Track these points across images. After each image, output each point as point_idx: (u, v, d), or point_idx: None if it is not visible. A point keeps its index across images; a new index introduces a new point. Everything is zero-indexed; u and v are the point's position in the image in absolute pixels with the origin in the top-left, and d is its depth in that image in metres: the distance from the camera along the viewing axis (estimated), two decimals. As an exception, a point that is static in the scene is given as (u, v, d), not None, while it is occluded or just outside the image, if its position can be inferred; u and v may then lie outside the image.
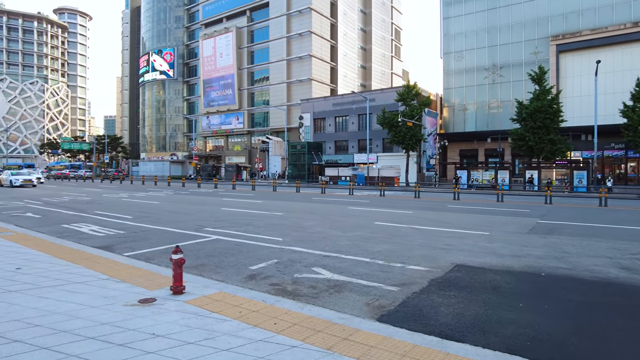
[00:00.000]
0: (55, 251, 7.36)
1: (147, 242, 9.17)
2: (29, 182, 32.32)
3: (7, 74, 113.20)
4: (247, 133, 71.39)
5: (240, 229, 10.96)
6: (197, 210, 15.71)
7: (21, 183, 31.68)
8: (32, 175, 34.36)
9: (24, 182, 31.94)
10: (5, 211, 15.18)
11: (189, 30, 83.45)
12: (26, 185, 32.07)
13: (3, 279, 5.35)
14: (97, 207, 16.88)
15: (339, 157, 50.18)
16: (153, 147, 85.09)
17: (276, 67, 66.70)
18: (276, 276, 6.37)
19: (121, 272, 5.89)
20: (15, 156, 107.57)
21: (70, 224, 11.77)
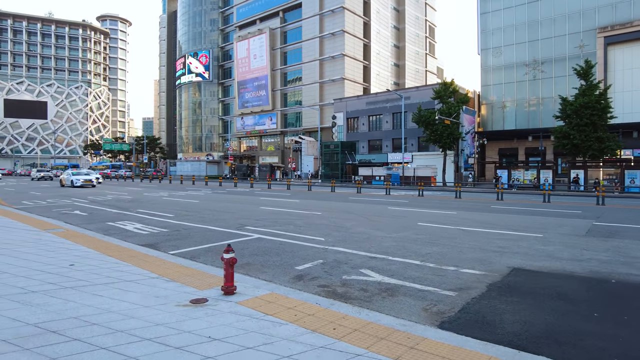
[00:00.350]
0: (103, 248, 7.45)
1: (190, 240, 9.19)
2: (89, 183, 31.79)
3: (55, 79, 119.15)
4: (280, 133, 71.88)
5: (282, 228, 10.84)
6: (237, 209, 15.76)
7: (82, 183, 31.21)
8: (92, 176, 33.84)
9: (85, 182, 31.45)
10: (55, 209, 15.76)
11: (223, 33, 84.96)
12: (86, 186, 31.35)
13: (58, 275, 5.39)
14: (139, 205, 17.27)
15: (373, 157, 49.59)
16: (189, 147, 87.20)
17: (309, 67, 66.79)
18: (324, 277, 6.16)
19: (169, 270, 5.83)
20: (61, 157, 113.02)
21: (115, 222, 12.03)
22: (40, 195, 23.54)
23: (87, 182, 31.48)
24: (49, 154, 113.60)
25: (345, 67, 62.43)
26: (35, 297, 4.47)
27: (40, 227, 10.11)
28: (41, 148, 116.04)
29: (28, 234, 8.94)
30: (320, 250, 8.12)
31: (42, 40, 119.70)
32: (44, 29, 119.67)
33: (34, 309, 4.08)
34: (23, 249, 7.15)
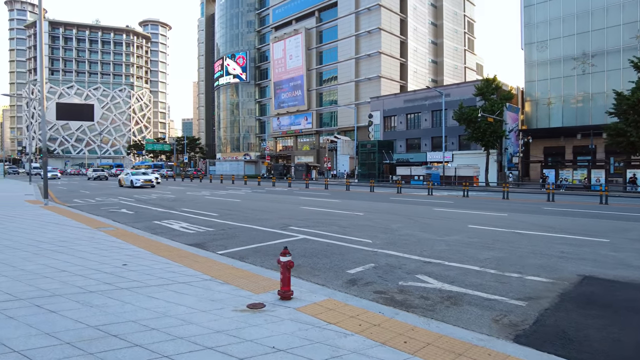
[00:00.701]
0: (153, 248, 7.47)
1: (236, 240, 9.12)
2: (149, 183, 30.29)
3: (100, 82, 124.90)
4: (316, 133, 71.95)
5: (326, 229, 10.61)
6: (278, 209, 15.69)
7: (141, 184, 29.68)
8: (152, 176, 32.19)
9: (145, 182, 29.94)
10: (103, 207, 16.26)
11: (260, 34, 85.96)
12: (145, 186, 29.88)
13: (113, 275, 5.38)
14: (182, 204, 17.56)
15: (411, 156, 48.61)
16: (227, 147, 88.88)
17: (344, 66, 66.44)
18: (378, 283, 5.85)
19: (221, 272, 5.71)
20: (106, 157, 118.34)
21: (161, 221, 12.20)
22: (90, 193, 24.50)
23: (147, 183, 29.98)
24: (95, 154, 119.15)
25: (381, 65, 61.66)
26: (93, 297, 4.43)
27: (92, 225, 10.36)
28: (88, 149, 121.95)
29: (81, 232, 9.15)
30: (369, 253, 7.82)
31: (90, 46, 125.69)
32: (91, 36, 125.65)
33: (93, 310, 4.02)
34: (78, 247, 7.27)
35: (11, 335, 3.39)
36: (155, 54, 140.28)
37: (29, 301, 4.24)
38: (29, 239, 8.10)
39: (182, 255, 6.83)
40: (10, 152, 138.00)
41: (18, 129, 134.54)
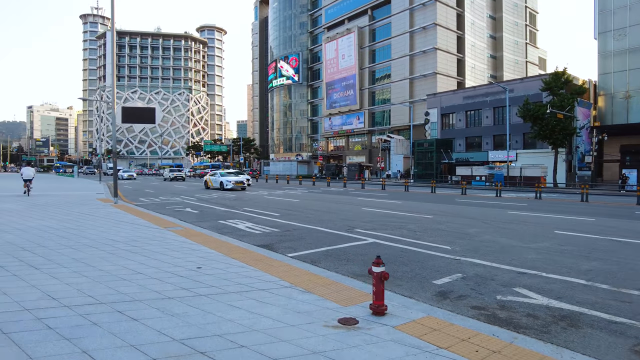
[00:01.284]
0: (223, 249, 7.26)
1: (304, 242, 8.76)
2: (240, 185, 26.70)
3: (161, 87, 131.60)
4: (368, 132, 70.98)
5: (395, 233, 9.99)
6: (339, 209, 15.25)
7: (232, 186, 26.25)
8: (243, 177, 28.55)
9: (235, 184, 26.45)
10: (168, 206, 16.66)
11: (312, 35, 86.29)
12: (236, 189, 26.58)
13: (189, 279, 5.15)
14: (243, 204, 17.62)
15: (471, 155, 46.39)
16: (280, 148, 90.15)
17: (398, 63, 64.95)
18: (473, 296, 5.19)
19: (299, 278, 5.32)
20: (167, 158, 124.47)
21: (226, 220, 12.15)
22: (154, 192, 25.45)
23: (237, 185, 26.42)
24: (156, 155, 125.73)
25: (437, 61, 59.55)
26: (173, 304, 4.17)
27: (161, 224, 10.45)
28: (150, 150, 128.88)
29: (151, 231, 9.21)
30: (451, 261, 7.12)
31: (152, 53, 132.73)
32: (153, 43, 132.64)
33: (175, 320, 3.74)
34: (151, 247, 7.22)
35: (97, 345, 3.16)
36: (212, 58, 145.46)
37: (111, 306, 4.05)
38: (104, 237, 8.21)
39: (255, 258, 6.53)
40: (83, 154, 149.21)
41: (89, 132, 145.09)
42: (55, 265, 5.74)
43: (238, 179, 27.27)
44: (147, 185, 36.76)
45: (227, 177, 27.30)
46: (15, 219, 10.78)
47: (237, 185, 26.62)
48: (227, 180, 26.82)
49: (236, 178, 27.32)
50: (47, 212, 12.65)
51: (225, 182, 26.69)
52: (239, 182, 26.80)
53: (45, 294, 4.37)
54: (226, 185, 26.52)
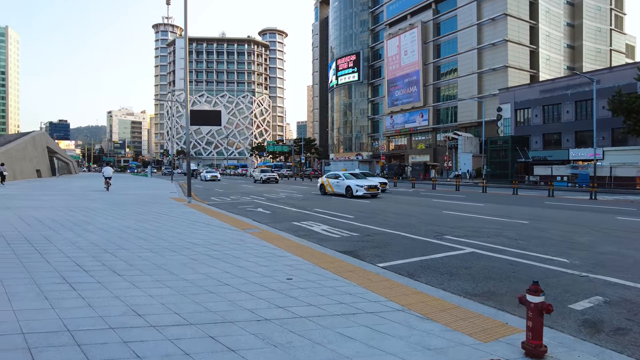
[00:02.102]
0: (308, 255, 6.58)
1: (391, 249, 7.87)
2: (373, 191, 20.66)
3: (226, 90, 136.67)
4: (432, 130, 68.26)
5: (492, 241, 8.79)
6: (416, 212, 14.15)
7: (364, 192, 20.30)
8: (375, 180, 23.21)
9: (369, 189, 20.45)
10: (239, 205, 16.51)
11: (373, 33, 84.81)
12: (367, 195, 20.53)
13: (282, 295, 4.48)
14: (313, 204, 17.07)
15: (549, 153, 42.66)
16: (340, 147, 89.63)
17: (465, 57, 61.74)
18: (636, 331, 4.02)
19: (409, 298, 4.45)
20: (232, 158, 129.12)
21: (300, 222, 11.58)
22: (223, 192, 25.79)
23: (371, 190, 20.42)
24: (222, 156, 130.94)
25: (508, 54, 55.74)
26: (272, 330, 3.49)
27: (237, 225, 10.07)
28: (216, 151, 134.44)
29: (229, 233, 8.80)
30: (577, 278, 5.88)
31: (217, 57, 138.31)
32: (218, 48, 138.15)
33: (279, 353, 3.03)
34: (232, 252, 6.71)
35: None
36: (274, 61, 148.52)
37: (201, 329, 3.45)
38: (183, 240, 7.89)
39: (346, 268, 5.77)
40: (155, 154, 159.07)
41: (160, 134, 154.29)
42: (136, 271, 5.36)
43: (370, 183, 21.12)
44: (221, 185, 37.51)
45: (356, 182, 21.14)
46: (100, 219, 10.95)
47: (370, 191, 20.44)
48: (357, 185, 20.67)
49: (368, 182, 21.17)
50: (126, 212, 12.86)
51: (355, 187, 20.62)
52: (372, 188, 20.58)
53: (130, 308, 3.90)
54: (356, 192, 20.44)
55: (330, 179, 22.89)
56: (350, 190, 20.90)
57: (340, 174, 22.69)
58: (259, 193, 24.28)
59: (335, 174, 23.08)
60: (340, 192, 21.75)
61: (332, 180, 22.66)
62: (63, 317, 3.62)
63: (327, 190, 22.87)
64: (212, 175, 47.77)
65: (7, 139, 43.32)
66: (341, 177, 22.12)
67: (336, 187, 22.10)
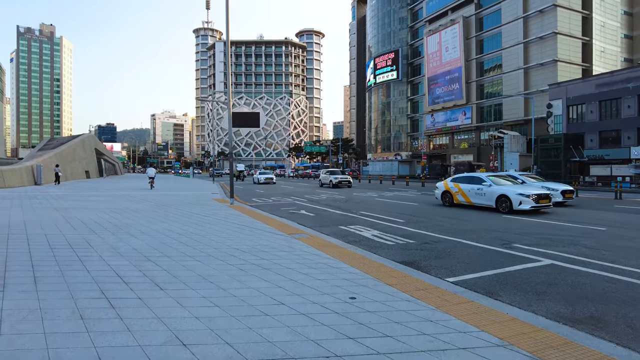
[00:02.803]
0: (366, 267, 5.84)
1: (455, 260, 6.99)
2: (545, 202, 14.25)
3: (264, 92, 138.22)
4: (475, 129, 65.63)
5: (569, 250, 7.70)
6: (473, 217, 13.06)
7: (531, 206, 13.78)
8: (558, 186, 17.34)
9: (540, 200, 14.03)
10: (282, 207, 16.00)
11: (412, 30, 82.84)
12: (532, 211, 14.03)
13: (347, 319, 3.77)
14: (356, 206, 16.30)
15: (606, 152, 39.64)
16: (378, 148, 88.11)
17: (510, 52, 58.90)
18: None
19: (506, 328, 3.62)
20: (270, 159, 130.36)
21: (347, 226, 10.85)
22: (263, 193, 25.50)
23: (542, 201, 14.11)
24: (260, 157, 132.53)
25: (557, 47, 52.53)
26: (345, 369, 2.80)
27: (284, 230, 9.48)
28: (255, 152, 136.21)
29: (276, 239, 8.21)
30: None
31: (255, 60, 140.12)
32: (256, 51, 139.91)
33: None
34: (282, 262, 6.08)
35: None
36: (310, 62, 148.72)
37: (260, 367, 2.80)
38: (229, 246, 7.35)
39: (415, 285, 4.98)
40: (196, 156, 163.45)
41: (201, 136, 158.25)
42: (180, 284, 4.82)
43: (539, 190, 14.42)
44: (271, 187, 37.35)
45: (516, 189, 14.48)
46: (143, 221, 10.69)
47: (542, 203, 14.00)
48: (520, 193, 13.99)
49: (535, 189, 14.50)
50: (169, 214, 12.61)
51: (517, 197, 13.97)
52: (543, 198, 14.07)
53: (173, 335, 3.31)
54: (519, 205, 13.82)
55: (462, 185, 16.12)
56: (508, 202, 13.95)
57: (483, 177, 15.74)
58: (299, 194, 23.76)
59: (472, 177, 16.43)
60: (483, 204, 15.07)
61: (466, 185, 15.92)
62: (98, 345, 3.08)
63: (455, 200, 16.30)
64: (266, 177, 40.17)
65: (60, 141, 45.31)
66: (486, 182, 15.23)
67: (476, 195, 15.38)
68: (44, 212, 12.24)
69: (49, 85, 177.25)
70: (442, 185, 17.18)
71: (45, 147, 42.22)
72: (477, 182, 15.70)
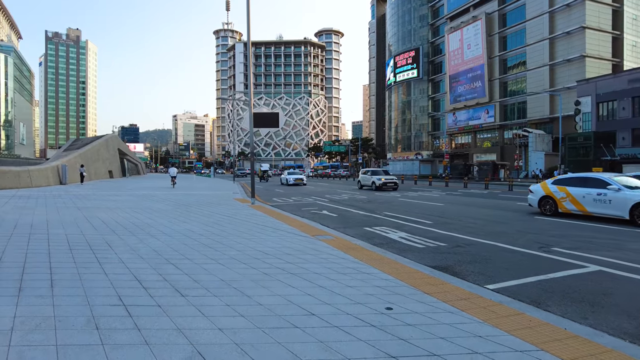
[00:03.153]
0: (399, 273, 5.44)
1: (494, 265, 6.51)
2: None
3: (283, 92, 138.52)
4: (499, 127, 64.10)
5: (613, 255, 7.12)
6: (505, 217, 12.46)
7: None
8: None
9: None
10: (303, 207, 15.67)
11: (433, 27, 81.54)
12: None
13: (385, 334, 3.38)
14: (380, 207, 15.84)
15: (639, 151, 37.97)
16: (399, 147, 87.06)
17: (535, 49, 57.23)
18: None
19: (568, 348, 3.18)
20: (289, 159, 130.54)
21: (372, 227, 10.44)
22: (284, 192, 25.25)
23: None
24: (280, 157, 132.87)
25: (586, 42, 50.73)
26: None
27: (307, 231, 9.14)
28: (274, 152, 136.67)
29: (299, 240, 7.87)
30: None
31: (275, 60, 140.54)
32: (276, 51, 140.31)
33: None
34: (309, 266, 5.73)
35: None
36: (330, 62, 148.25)
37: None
38: (252, 248, 7.05)
39: (457, 294, 4.55)
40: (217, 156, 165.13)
41: (222, 136, 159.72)
42: (202, 291, 4.52)
43: None
44: (276, 184, 37.19)
45: None
46: (164, 221, 10.52)
47: None
48: None
49: None
50: (190, 213, 12.44)
51: None
52: None
53: (195, 350, 2.99)
54: None
55: (572, 188, 12.57)
56: None
57: (606, 178, 12.00)
58: (319, 194, 23.41)
59: (587, 178, 12.63)
60: (607, 214, 11.54)
61: (578, 190, 12.35)
62: (113, 362, 2.79)
63: (561, 208, 12.82)
64: (296, 178, 35.69)
65: (84, 142, 46.20)
66: (613, 186, 11.50)
67: (595, 203, 11.76)
68: (66, 211, 12.23)
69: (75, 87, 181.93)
70: (540, 188, 13.63)
71: (70, 147, 43.08)
72: (597, 185, 11.89)
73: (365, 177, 29.55)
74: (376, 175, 27.99)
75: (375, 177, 27.74)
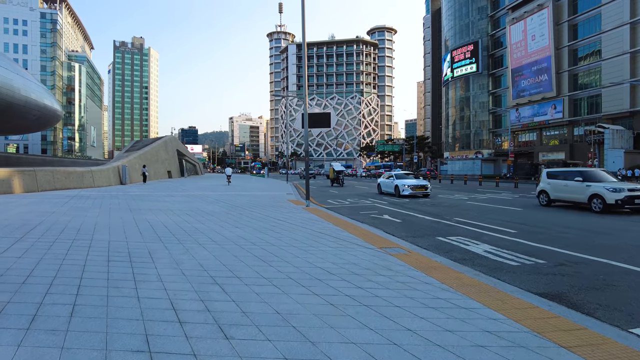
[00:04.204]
0: (502, 305, 4.10)
1: (625, 295, 4.93)
2: None
3: (335, 92, 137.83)
4: (568, 124, 58.99)
5: None
6: (598, 226, 10.50)
7: None
8: None
9: None
10: (361, 211, 14.43)
11: (493, 19, 76.94)
12: None
13: None
14: (448, 210, 14.24)
15: None
16: (457, 145, 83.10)
17: (612, 35, 51.80)
18: None
19: None
20: (340, 159, 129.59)
21: (445, 237, 9.01)
22: (338, 193, 24.17)
23: None
24: (331, 157, 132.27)
25: (675, 25, 45.16)
26: None
27: (371, 241, 7.93)
28: (326, 152, 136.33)
29: (365, 254, 6.68)
30: None
31: (327, 60, 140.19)
32: (327, 51, 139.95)
33: None
34: (385, 294, 4.51)
35: None
36: (382, 59, 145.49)
37: None
38: (311, 264, 5.96)
39: (606, 350, 3.17)
40: (270, 156, 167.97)
41: (275, 137, 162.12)
42: (252, 330, 3.46)
43: None
44: (344, 188, 36.12)
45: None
46: (214, 226, 9.77)
47: None
48: None
49: None
50: (242, 216, 11.66)
51: None
52: None
53: None
54: None
55: None
56: None
57: None
58: (377, 196, 22.02)
59: None
60: None
61: None
62: None
63: None
64: (416, 185, 21.00)
65: (144, 143, 47.95)
66: None
67: None
68: (117, 213, 11.91)
69: (139, 92, 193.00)
70: None
71: (131, 148, 44.81)
72: None
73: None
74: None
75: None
